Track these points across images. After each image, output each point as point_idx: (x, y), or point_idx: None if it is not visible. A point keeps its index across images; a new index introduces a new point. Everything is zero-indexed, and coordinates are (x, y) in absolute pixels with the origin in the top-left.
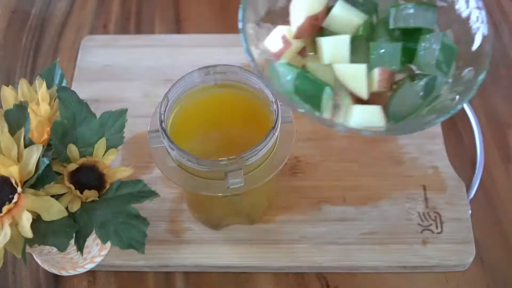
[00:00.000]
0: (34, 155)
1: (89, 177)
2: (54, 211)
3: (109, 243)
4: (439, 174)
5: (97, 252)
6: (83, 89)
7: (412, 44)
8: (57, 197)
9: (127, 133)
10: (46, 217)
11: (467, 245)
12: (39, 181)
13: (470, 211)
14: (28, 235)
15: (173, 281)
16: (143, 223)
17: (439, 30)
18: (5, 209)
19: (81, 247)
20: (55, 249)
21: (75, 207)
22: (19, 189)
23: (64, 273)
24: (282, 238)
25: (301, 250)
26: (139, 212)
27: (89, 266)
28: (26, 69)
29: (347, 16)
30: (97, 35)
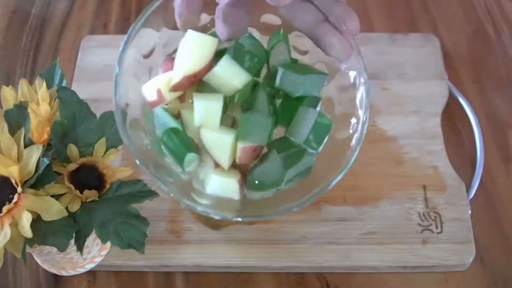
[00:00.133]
0: (34, 155)
1: (89, 177)
2: (54, 211)
3: (109, 243)
4: (439, 174)
5: (97, 252)
6: (83, 89)
7: (292, 108)
8: (57, 197)
9: None
10: (46, 217)
11: (467, 245)
12: (39, 181)
13: (470, 211)
14: (28, 235)
15: (173, 281)
16: (143, 223)
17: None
18: (5, 209)
19: (81, 247)
20: (55, 249)
21: (75, 207)
22: (19, 189)
23: (64, 273)
24: (282, 238)
25: (301, 250)
26: (139, 212)
27: (89, 266)
28: (26, 69)
29: (227, 77)
30: (97, 35)
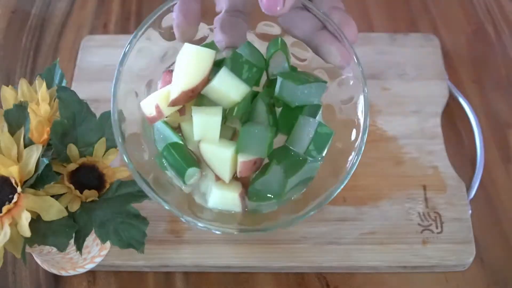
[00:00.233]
0: (34, 155)
1: (89, 177)
2: (54, 211)
3: (109, 243)
4: (439, 174)
5: (97, 252)
6: (83, 89)
7: (292, 117)
8: (57, 197)
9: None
10: (46, 217)
11: (467, 245)
12: (39, 181)
13: (470, 211)
14: (26, 234)
15: (173, 281)
16: (143, 222)
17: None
18: (5, 209)
19: (80, 247)
20: (55, 249)
21: (75, 207)
22: (19, 189)
23: (64, 273)
24: (282, 238)
25: (301, 250)
26: (139, 212)
27: (89, 266)
28: (26, 69)
29: (226, 90)
30: (97, 35)
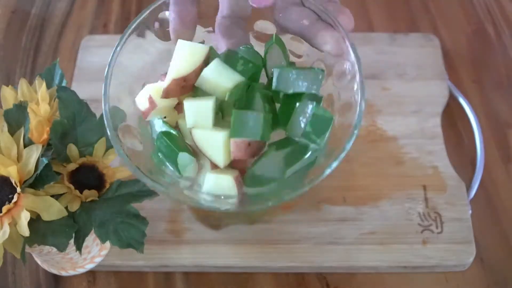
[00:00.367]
0: (34, 154)
1: (89, 177)
2: (53, 211)
3: (108, 243)
4: (439, 174)
5: (97, 252)
6: (83, 89)
7: (290, 108)
8: (57, 197)
9: None
10: (46, 217)
11: (467, 245)
12: (38, 181)
13: (470, 211)
14: (26, 233)
15: (173, 281)
16: (143, 222)
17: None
18: (4, 209)
19: (80, 247)
20: (54, 249)
21: (74, 207)
22: (19, 189)
23: (64, 273)
24: (282, 238)
25: (301, 250)
26: (138, 212)
27: (89, 266)
28: (26, 69)
29: (216, 79)
30: (97, 35)
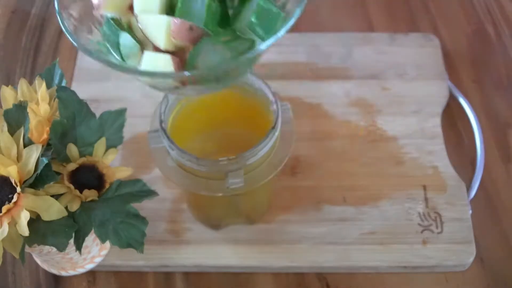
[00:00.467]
0: (34, 154)
1: (88, 177)
2: (53, 210)
3: (108, 243)
4: (439, 174)
5: (97, 252)
6: (83, 89)
7: (241, 8)
8: (57, 196)
9: (127, 133)
10: (46, 216)
11: (467, 245)
12: (38, 180)
13: (470, 211)
14: (25, 233)
15: (173, 281)
16: (142, 222)
17: None
18: (4, 208)
19: (79, 247)
20: (54, 249)
21: (74, 206)
22: (18, 189)
23: (64, 273)
24: (282, 238)
25: (301, 250)
26: (138, 212)
27: (89, 266)
28: (26, 69)
29: None
30: None
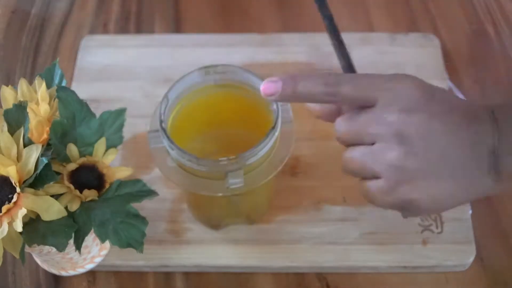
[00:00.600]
0: (33, 154)
1: (88, 177)
2: (53, 210)
3: (108, 243)
4: None
5: (97, 252)
6: (83, 89)
7: None
8: (57, 196)
9: (127, 133)
10: (46, 216)
11: (467, 245)
12: (38, 180)
13: (470, 211)
14: (18, 228)
15: (173, 281)
16: (142, 222)
17: None
18: (4, 208)
19: (79, 246)
20: (54, 249)
21: (74, 206)
22: (18, 189)
23: (64, 273)
24: (282, 238)
25: (301, 250)
26: (138, 212)
27: (89, 266)
28: (26, 69)
29: None
30: (97, 35)
